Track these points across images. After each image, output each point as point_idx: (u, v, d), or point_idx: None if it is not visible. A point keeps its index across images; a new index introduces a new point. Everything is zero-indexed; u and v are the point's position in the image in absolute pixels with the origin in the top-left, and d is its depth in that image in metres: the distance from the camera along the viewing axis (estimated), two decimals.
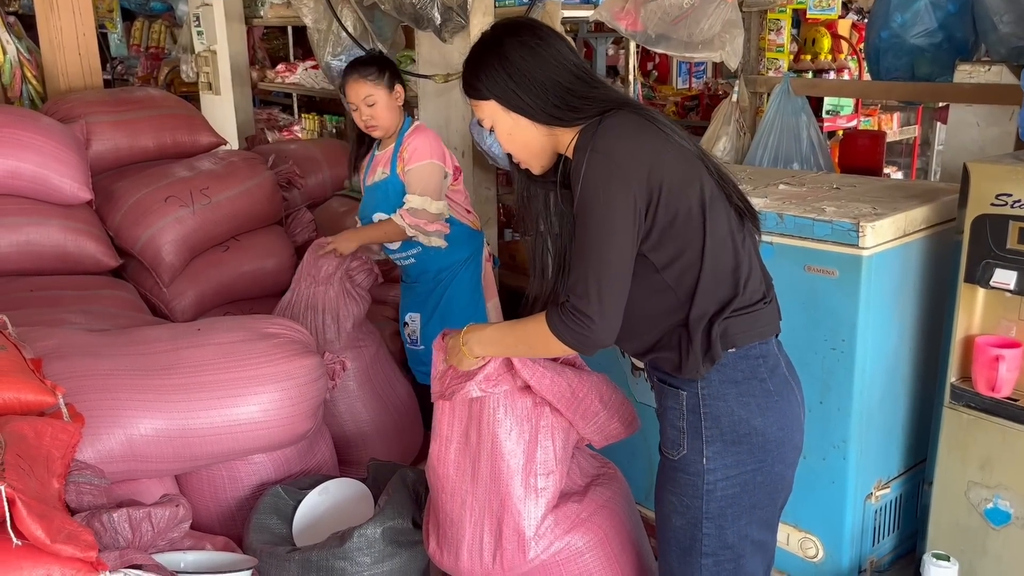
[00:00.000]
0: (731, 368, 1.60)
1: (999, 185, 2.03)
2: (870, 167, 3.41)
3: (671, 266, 1.59)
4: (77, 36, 3.70)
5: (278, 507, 2.34)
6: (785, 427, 1.63)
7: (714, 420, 1.61)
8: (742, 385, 1.60)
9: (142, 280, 3.25)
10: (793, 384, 1.69)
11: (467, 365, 1.82)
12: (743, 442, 1.61)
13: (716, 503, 1.63)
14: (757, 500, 1.65)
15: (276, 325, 2.49)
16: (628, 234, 1.52)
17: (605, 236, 1.51)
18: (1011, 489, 2.12)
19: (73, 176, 3.09)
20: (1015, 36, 2.68)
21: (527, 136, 1.64)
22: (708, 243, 1.57)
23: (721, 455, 1.61)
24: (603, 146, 1.52)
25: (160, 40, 7.10)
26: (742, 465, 1.62)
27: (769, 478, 1.64)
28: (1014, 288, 2.03)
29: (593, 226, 1.52)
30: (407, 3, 3.50)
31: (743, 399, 1.60)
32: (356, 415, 2.95)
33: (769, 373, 1.62)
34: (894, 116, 5.66)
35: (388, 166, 2.89)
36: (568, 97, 1.59)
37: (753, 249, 1.67)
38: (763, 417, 1.61)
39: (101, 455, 2.08)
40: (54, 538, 1.40)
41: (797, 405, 1.68)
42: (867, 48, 3.19)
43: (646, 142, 1.54)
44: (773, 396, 1.62)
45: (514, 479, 1.85)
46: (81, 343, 2.31)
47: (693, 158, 1.59)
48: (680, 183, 1.55)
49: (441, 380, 1.90)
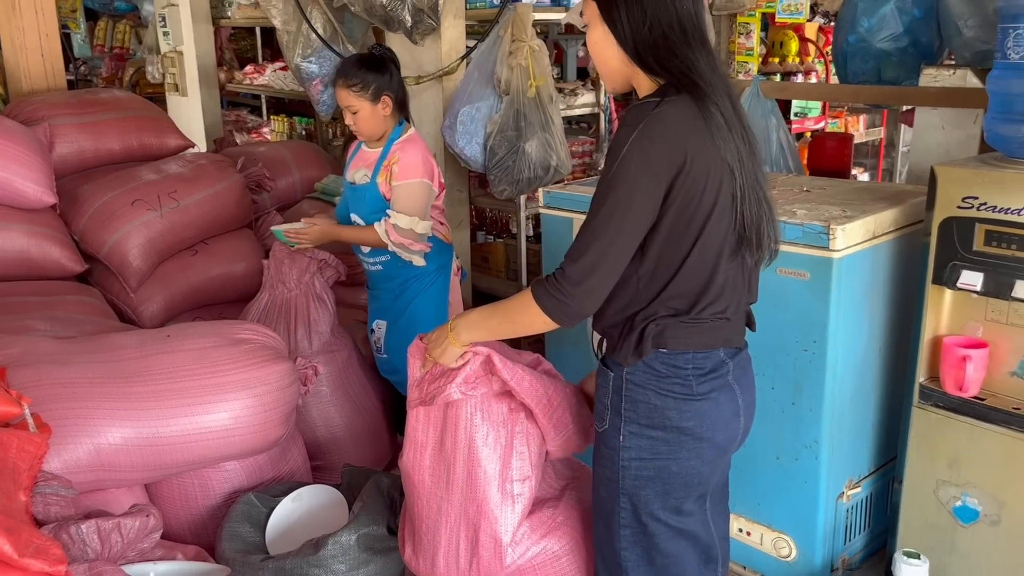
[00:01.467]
0: (656, 363, 1.66)
1: (966, 188, 2.06)
2: (838, 169, 3.45)
3: (647, 267, 1.62)
4: (40, 37, 3.63)
5: (250, 515, 2.31)
6: (705, 426, 1.68)
7: (632, 403, 1.68)
8: (663, 380, 1.66)
9: (109, 285, 3.19)
10: (736, 389, 1.72)
11: (450, 356, 1.81)
12: (657, 429, 1.67)
13: (630, 480, 1.71)
14: (670, 488, 1.70)
15: (247, 330, 2.46)
16: (640, 223, 1.56)
17: (619, 216, 1.55)
18: (979, 487, 2.16)
19: (36, 180, 3.03)
20: (979, 40, 2.73)
21: (608, 53, 1.64)
22: (690, 260, 1.60)
23: (636, 436, 1.68)
24: (649, 133, 1.53)
25: (125, 40, 7.00)
26: (656, 450, 1.68)
27: (684, 469, 1.69)
28: (980, 289, 2.07)
29: (612, 203, 1.55)
30: (377, 5, 3.47)
31: (661, 392, 1.66)
32: (329, 420, 2.93)
33: (697, 378, 1.66)
34: (860, 118, 5.75)
35: (371, 170, 2.81)
36: (660, 42, 1.58)
37: (738, 272, 1.68)
38: (679, 412, 1.66)
39: (68, 465, 2.04)
40: (22, 552, 1.37)
41: (733, 411, 1.71)
42: (835, 52, 3.23)
43: (689, 142, 1.55)
44: (695, 397, 1.66)
45: (490, 485, 1.85)
46: (46, 350, 2.27)
47: (725, 171, 1.58)
48: (699, 195, 1.56)
49: (419, 387, 1.89)
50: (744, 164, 1.61)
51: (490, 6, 3.75)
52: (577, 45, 5.58)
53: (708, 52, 1.63)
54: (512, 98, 3.43)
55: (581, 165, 4.40)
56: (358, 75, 2.72)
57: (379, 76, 2.73)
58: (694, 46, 1.60)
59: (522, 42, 3.41)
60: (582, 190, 2.73)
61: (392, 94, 2.76)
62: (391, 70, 2.78)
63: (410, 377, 1.92)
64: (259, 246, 3.51)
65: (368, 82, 2.71)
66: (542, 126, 3.45)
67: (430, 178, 2.75)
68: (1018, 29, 1.97)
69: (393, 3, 3.45)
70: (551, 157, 3.48)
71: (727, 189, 1.59)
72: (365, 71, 2.72)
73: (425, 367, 1.89)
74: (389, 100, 2.75)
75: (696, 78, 1.58)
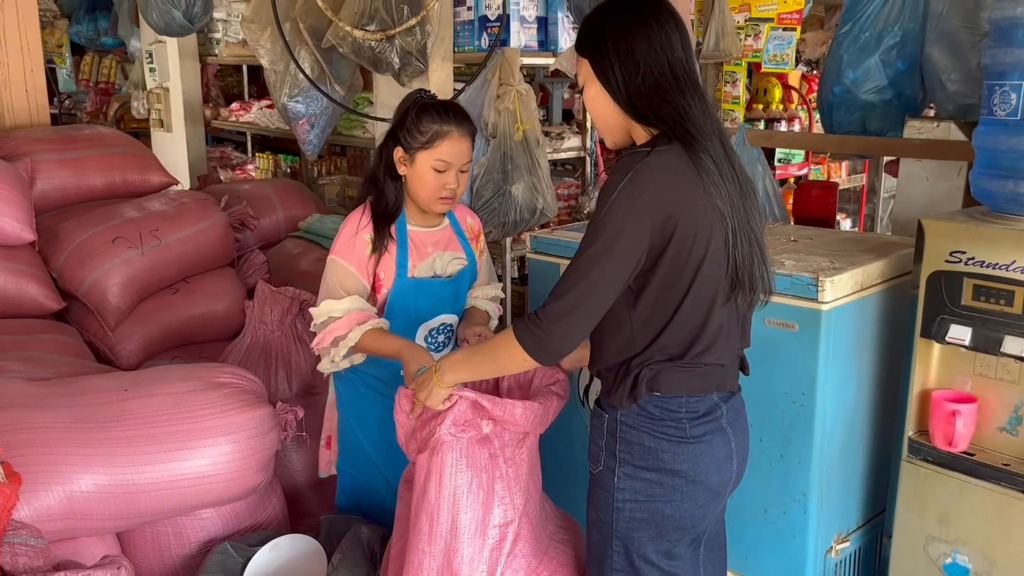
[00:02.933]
0: (650, 406, 1.67)
1: (953, 242, 2.07)
2: (823, 217, 3.46)
3: (642, 313, 1.64)
4: (24, 72, 3.61)
5: (226, 565, 2.24)
6: (699, 469, 1.68)
7: (627, 445, 1.69)
8: (657, 423, 1.67)
9: (87, 324, 3.14)
10: (730, 433, 1.73)
11: (436, 398, 1.80)
12: (652, 471, 1.68)
13: (624, 522, 1.71)
14: (664, 531, 1.70)
15: (227, 374, 2.41)
16: (623, 268, 1.57)
17: (603, 260, 1.57)
18: (969, 544, 2.13)
19: (16, 216, 2.98)
20: (962, 94, 2.76)
21: (605, 108, 1.68)
22: (684, 307, 1.62)
23: (631, 478, 1.69)
24: (638, 181, 1.56)
25: (111, 75, 6.99)
26: (650, 492, 1.68)
27: (678, 512, 1.70)
28: (969, 344, 2.06)
29: (598, 246, 1.57)
30: (365, 47, 3.48)
31: (655, 435, 1.67)
32: (310, 466, 2.86)
33: (691, 421, 1.68)
34: (843, 164, 5.82)
35: (458, 247, 2.28)
36: (653, 91, 1.61)
37: (732, 317, 1.69)
38: (673, 455, 1.67)
39: (38, 513, 1.97)
40: None
41: (726, 454, 1.72)
42: (820, 102, 3.26)
43: (679, 192, 1.57)
44: (689, 439, 1.67)
45: (474, 532, 1.81)
46: (19, 393, 2.21)
47: (716, 216, 1.60)
48: (691, 241, 1.58)
49: (415, 436, 1.87)
50: (735, 207, 1.62)
51: (478, 50, 3.77)
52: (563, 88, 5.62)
53: (700, 97, 1.66)
54: (499, 141, 3.43)
55: (567, 208, 4.41)
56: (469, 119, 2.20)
57: None
58: (687, 92, 1.62)
59: (509, 86, 3.43)
60: (569, 235, 2.72)
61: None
62: None
63: (400, 430, 1.88)
64: (241, 285, 3.47)
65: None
66: (529, 169, 3.45)
67: None
68: (1004, 86, 1.99)
69: (381, 45, 3.46)
70: (537, 200, 3.47)
71: (719, 234, 1.61)
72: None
73: (414, 412, 1.87)
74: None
75: (688, 126, 1.60)
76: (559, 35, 3.88)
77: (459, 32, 3.82)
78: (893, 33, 2.92)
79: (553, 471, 2.65)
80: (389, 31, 3.38)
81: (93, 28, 6.58)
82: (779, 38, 3.37)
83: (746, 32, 3.93)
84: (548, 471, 2.10)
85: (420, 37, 3.43)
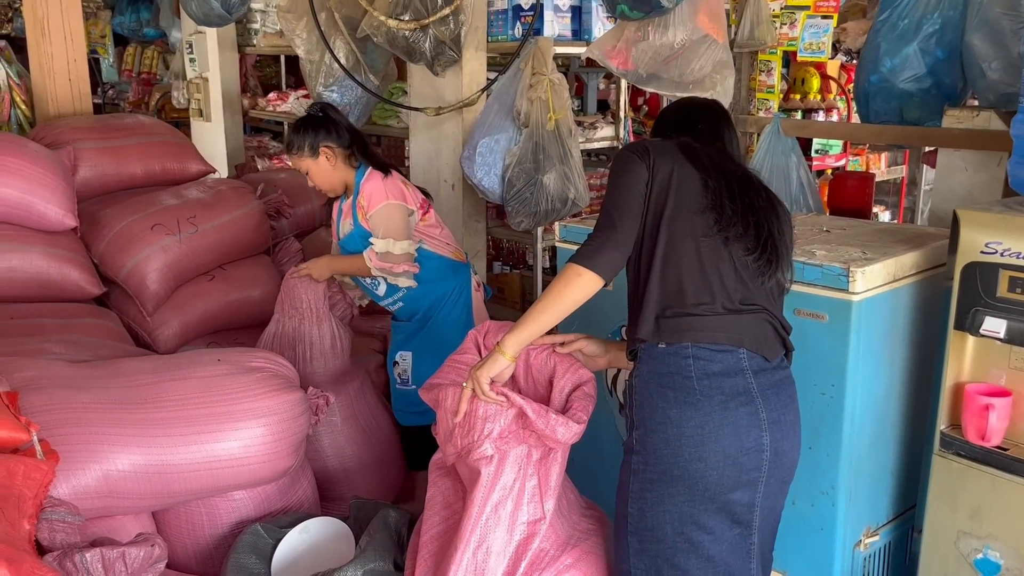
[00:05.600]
0: (659, 361, 1.76)
1: (989, 233, 2.03)
2: (859, 208, 3.42)
3: (636, 259, 1.84)
4: (68, 62, 3.69)
5: (257, 546, 2.29)
6: (707, 428, 1.70)
7: (638, 407, 1.78)
8: (665, 378, 1.74)
9: (126, 308, 3.21)
10: (759, 401, 1.74)
11: (498, 367, 1.82)
12: (659, 431, 1.74)
13: (638, 483, 1.77)
14: (674, 491, 1.73)
15: (260, 359, 2.45)
16: (636, 188, 1.81)
17: (618, 187, 1.83)
18: (1001, 540, 2.10)
19: (58, 203, 3.06)
20: (1003, 83, 2.71)
21: None
22: (662, 247, 1.78)
23: (643, 440, 1.76)
24: (627, 146, 1.93)
25: (152, 66, 7.10)
26: (659, 453, 1.74)
27: (686, 473, 1.72)
28: (1004, 336, 2.02)
29: (611, 184, 1.86)
30: (400, 36, 3.50)
31: (663, 390, 1.74)
32: (340, 450, 2.91)
33: (700, 377, 1.72)
34: (882, 156, 5.72)
35: (350, 217, 2.89)
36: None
37: (728, 267, 1.79)
38: (679, 410, 1.71)
39: (76, 491, 2.03)
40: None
41: (751, 421, 1.73)
42: (857, 91, 3.21)
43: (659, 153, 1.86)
44: (696, 395, 1.72)
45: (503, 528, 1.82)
46: (60, 375, 2.27)
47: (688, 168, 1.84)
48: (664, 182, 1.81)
49: (452, 441, 1.87)
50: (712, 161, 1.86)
51: (511, 39, 3.77)
52: (598, 78, 5.59)
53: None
54: (531, 131, 3.43)
55: (599, 198, 4.39)
56: (291, 139, 2.85)
57: (310, 133, 2.82)
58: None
59: (542, 75, 3.42)
60: None
61: (331, 143, 2.82)
62: (327, 123, 2.85)
63: (441, 429, 1.90)
64: (276, 272, 3.51)
65: (300, 142, 2.81)
66: (560, 159, 3.45)
67: (398, 199, 2.78)
68: None
69: (415, 35, 3.48)
70: (569, 190, 3.47)
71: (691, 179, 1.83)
72: (296, 133, 2.83)
73: (459, 413, 1.84)
74: (330, 150, 2.82)
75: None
76: (592, 24, 3.86)
77: (493, 21, 3.83)
78: (932, 21, 2.87)
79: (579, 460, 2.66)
80: (423, 20, 3.40)
81: (135, 19, 6.69)
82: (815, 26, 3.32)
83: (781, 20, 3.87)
84: (574, 460, 2.11)
85: (454, 26, 3.44)
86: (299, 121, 2.90)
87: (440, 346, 2.84)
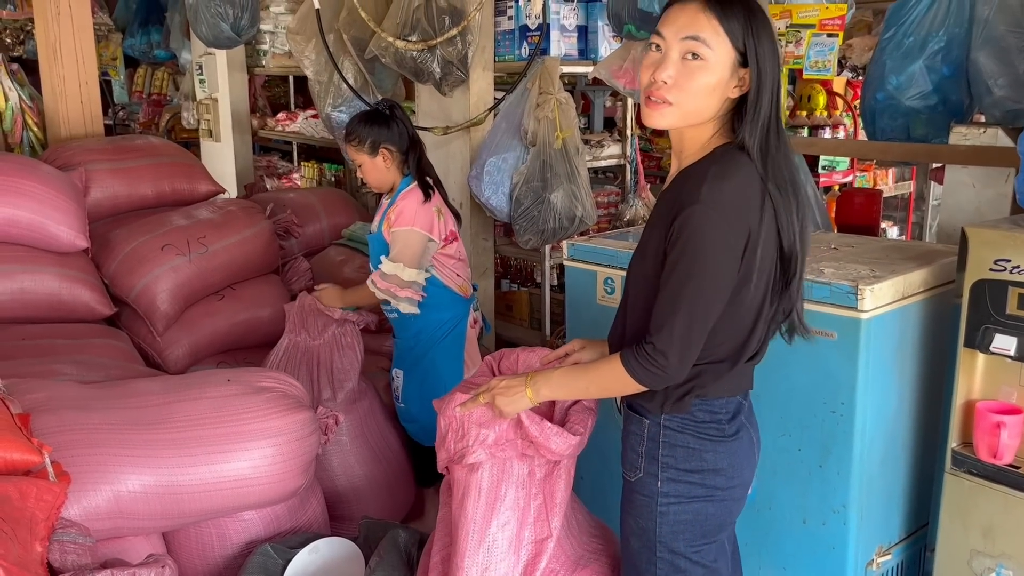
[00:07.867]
0: (695, 409, 1.69)
1: (998, 251, 2.03)
2: (867, 225, 3.42)
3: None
4: (80, 84, 3.73)
5: (267, 566, 2.29)
6: (736, 465, 1.72)
7: (670, 449, 1.70)
8: (701, 425, 1.70)
9: (136, 329, 3.23)
10: (750, 428, 1.78)
11: (518, 406, 1.76)
12: (695, 472, 1.69)
13: (668, 526, 1.71)
14: (707, 529, 1.72)
15: (269, 379, 2.46)
16: (725, 286, 1.56)
17: (705, 286, 1.54)
18: (1014, 559, 2.08)
19: (70, 224, 3.08)
20: (1010, 99, 2.71)
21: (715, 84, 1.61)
22: (741, 315, 1.63)
23: (674, 481, 1.70)
24: (710, 198, 1.51)
25: (163, 87, 7.16)
26: (693, 492, 1.70)
27: (719, 510, 1.73)
28: (1014, 354, 2.02)
29: (696, 274, 1.53)
30: (407, 57, 3.53)
31: (700, 436, 1.70)
32: (349, 470, 2.91)
33: (728, 420, 1.72)
34: (889, 172, 5.71)
35: (378, 221, 2.92)
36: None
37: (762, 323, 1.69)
38: (715, 453, 1.70)
39: (87, 512, 2.03)
40: None
41: (751, 445, 1.77)
42: (863, 108, 3.21)
43: (750, 196, 1.56)
44: (727, 437, 1.71)
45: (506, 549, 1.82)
46: (71, 396, 2.28)
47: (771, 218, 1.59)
48: (760, 246, 1.57)
49: (445, 446, 1.88)
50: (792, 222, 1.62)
51: (518, 59, 3.80)
52: (605, 96, 5.62)
53: None
54: (538, 149, 3.45)
55: (607, 216, 4.41)
56: (355, 130, 2.84)
57: (377, 129, 2.82)
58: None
59: (549, 95, 3.45)
60: (606, 243, 2.72)
61: (392, 147, 2.83)
62: (393, 124, 2.84)
63: (438, 435, 1.90)
64: (285, 292, 3.53)
65: (364, 136, 2.81)
66: (568, 177, 3.47)
67: (425, 229, 2.78)
68: None
69: (423, 55, 3.51)
70: (576, 208, 3.48)
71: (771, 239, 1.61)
72: (362, 126, 2.83)
73: (466, 405, 1.82)
74: (388, 153, 2.83)
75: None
76: (599, 44, 3.89)
77: (500, 41, 3.86)
78: (938, 38, 2.87)
79: (588, 478, 2.65)
80: (431, 41, 3.43)
81: (146, 41, 6.75)
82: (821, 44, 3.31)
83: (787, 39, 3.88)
84: (582, 478, 2.10)
85: (461, 47, 3.47)
86: (365, 114, 2.90)
87: (427, 373, 2.87)
